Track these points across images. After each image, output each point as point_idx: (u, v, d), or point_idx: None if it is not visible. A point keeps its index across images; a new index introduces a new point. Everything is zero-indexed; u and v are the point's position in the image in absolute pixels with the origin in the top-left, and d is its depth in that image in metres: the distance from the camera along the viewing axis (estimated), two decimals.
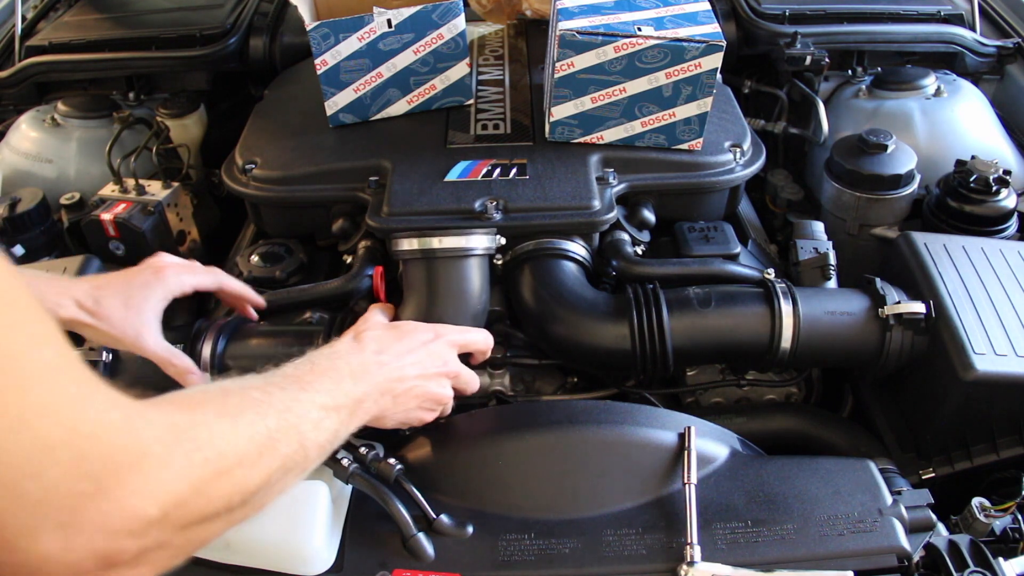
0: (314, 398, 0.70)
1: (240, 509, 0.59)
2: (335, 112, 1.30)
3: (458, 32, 1.26)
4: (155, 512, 0.49)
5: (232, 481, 0.57)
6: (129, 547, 0.49)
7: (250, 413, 0.61)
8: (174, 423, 0.54)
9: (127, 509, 0.48)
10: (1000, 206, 1.26)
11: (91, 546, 0.47)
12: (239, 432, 0.59)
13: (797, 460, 0.92)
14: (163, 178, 1.43)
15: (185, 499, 0.52)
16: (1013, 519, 0.91)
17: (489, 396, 1.15)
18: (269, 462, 0.61)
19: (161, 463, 0.50)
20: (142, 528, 0.49)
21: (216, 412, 0.58)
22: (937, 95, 1.55)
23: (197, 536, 0.55)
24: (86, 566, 0.47)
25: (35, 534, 0.44)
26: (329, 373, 0.76)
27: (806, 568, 0.80)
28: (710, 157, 1.24)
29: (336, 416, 0.73)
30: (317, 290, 1.14)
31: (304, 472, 0.69)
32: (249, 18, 1.72)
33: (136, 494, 0.48)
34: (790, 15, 1.66)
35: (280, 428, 0.64)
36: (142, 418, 0.51)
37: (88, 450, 0.46)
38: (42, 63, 1.66)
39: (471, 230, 0.96)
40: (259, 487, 0.60)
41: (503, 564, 0.81)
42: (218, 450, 0.56)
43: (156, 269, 0.98)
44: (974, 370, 0.96)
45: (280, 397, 0.67)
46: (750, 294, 1.08)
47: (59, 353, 0.47)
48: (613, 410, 0.93)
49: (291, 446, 0.64)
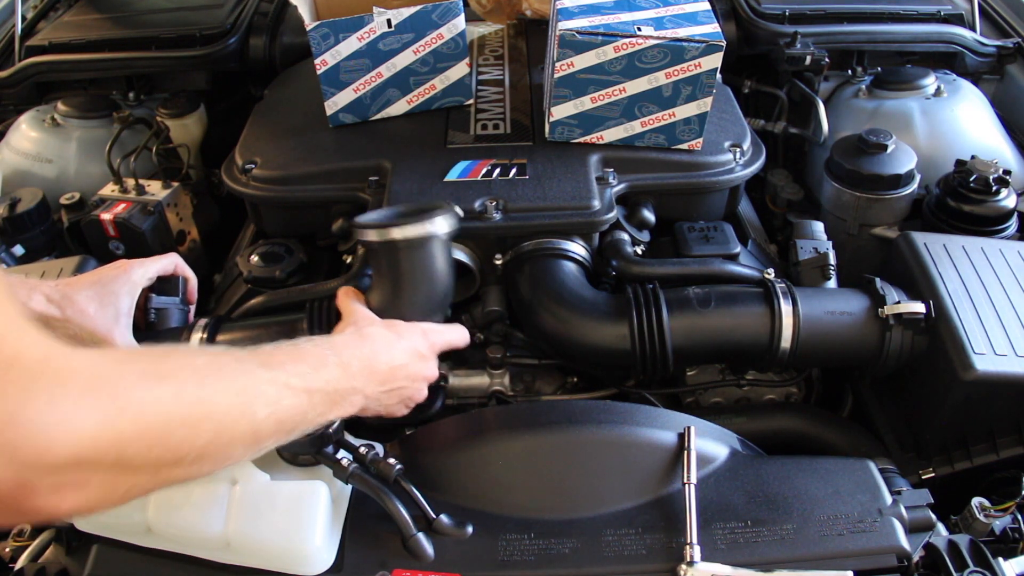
0: (278, 376, 0.69)
1: (168, 467, 0.59)
2: (335, 112, 1.30)
3: (458, 32, 1.26)
4: (64, 453, 0.51)
5: (150, 435, 0.57)
6: (40, 482, 0.51)
7: (182, 375, 0.61)
8: (96, 371, 0.54)
9: (40, 444, 0.49)
10: (1000, 206, 1.26)
11: (6, 471, 0.49)
12: (163, 391, 0.59)
13: (797, 460, 0.92)
14: (163, 178, 1.43)
15: (98, 445, 0.53)
16: (1013, 519, 0.91)
17: (489, 396, 1.15)
18: (196, 424, 0.61)
19: (78, 404, 0.52)
20: (52, 466, 0.51)
21: (141, 371, 0.59)
22: (937, 95, 1.55)
23: (119, 483, 0.57)
24: (5, 489, 0.50)
25: None
26: (309, 358, 0.75)
27: (806, 568, 0.80)
28: (710, 157, 1.24)
29: (306, 398, 0.72)
30: (317, 290, 1.14)
31: (256, 446, 0.68)
32: (249, 18, 1.73)
33: (49, 428, 0.50)
34: (790, 15, 1.67)
35: (218, 392, 0.63)
36: (65, 358, 0.52)
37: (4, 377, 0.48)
38: (42, 63, 1.66)
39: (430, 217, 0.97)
40: (184, 447, 0.60)
41: (503, 564, 0.81)
42: (137, 403, 0.56)
43: (119, 265, 1.02)
44: (974, 370, 0.96)
45: (232, 368, 0.66)
46: (750, 294, 1.08)
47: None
48: (613, 410, 0.93)
49: (231, 415, 0.64)
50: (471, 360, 1.17)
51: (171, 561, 0.82)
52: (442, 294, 1.01)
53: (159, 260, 1.07)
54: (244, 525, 0.79)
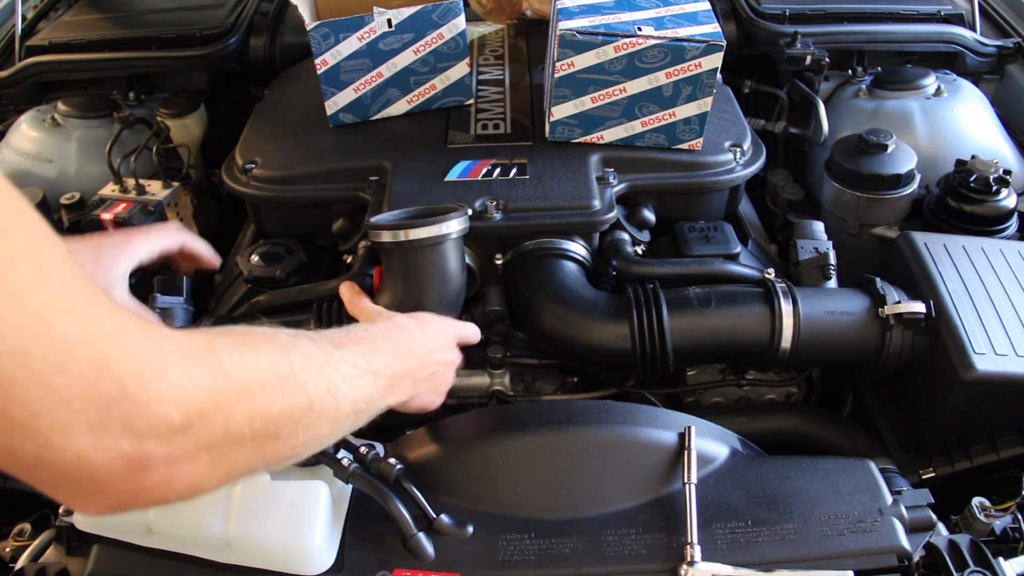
0: (346, 356, 0.70)
1: (268, 441, 0.59)
2: (335, 112, 1.30)
3: (458, 32, 1.26)
4: (178, 418, 0.50)
5: (253, 403, 0.57)
6: (156, 452, 0.50)
7: (272, 346, 0.62)
8: (193, 342, 0.54)
9: (152, 413, 0.49)
10: (1000, 206, 1.26)
11: (119, 447, 0.48)
12: (259, 360, 0.59)
13: (797, 460, 0.92)
14: (163, 178, 1.43)
15: (207, 411, 0.53)
16: (1013, 519, 0.91)
17: (489, 396, 1.15)
18: (294, 395, 0.61)
19: (183, 372, 0.51)
20: (167, 434, 0.50)
21: (236, 339, 0.59)
22: (937, 95, 1.55)
23: (226, 457, 0.56)
24: (116, 467, 0.49)
25: (68, 431, 0.46)
26: (365, 341, 0.76)
27: (806, 568, 0.80)
28: (710, 157, 1.24)
29: (372, 380, 0.72)
30: (317, 290, 1.14)
31: (338, 426, 0.69)
32: (249, 18, 1.72)
33: (159, 400, 0.49)
34: (790, 15, 1.66)
35: (306, 369, 0.63)
36: (159, 331, 0.52)
37: (108, 353, 0.47)
38: (42, 63, 1.66)
39: (443, 218, 0.97)
40: (282, 418, 0.60)
41: (503, 564, 0.81)
42: (238, 370, 0.56)
43: (125, 233, 1.01)
44: (974, 370, 0.96)
45: (308, 345, 0.66)
46: (750, 294, 1.08)
47: (67, 260, 0.47)
48: (613, 410, 0.93)
49: (319, 388, 0.64)
50: (471, 360, 1.17)
51: (171, 561, 0.82)
52: (454, 294, 1.02)
53: (163, 238, 1.05)
54: (244, 525, 0.79)
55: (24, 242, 0.44)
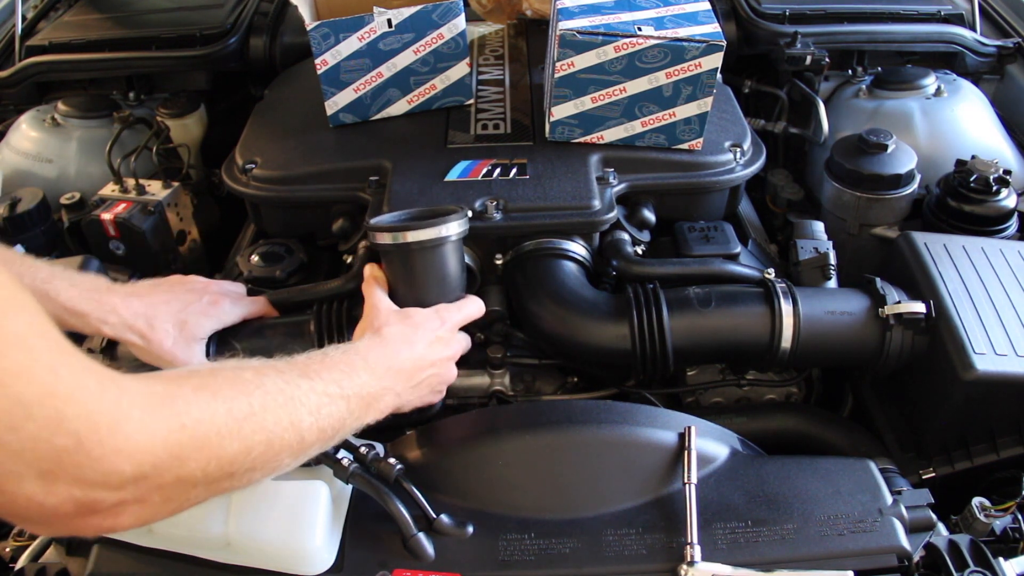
0: (315, 385, 0.72)
1: (222, 479, 0.62)
2: (335, 112, 1.30)
3: (458, 32, 1.26)
4: (130, 471, 0.54)
5: (209, 449, 0.59)
6: (105, 499, 0.54)
7: (232, 390, 0.64)
8: (152, 391, 0.57)
9: (104, 465, 0.52)
10: (1000, 206, 1.26)
11: (69, 494, 0.52)
12: (218, 405, 0.61)
13: (797, 460, 0.92)
14: (163, 178, 1.43)
15: (160, 461, 0.56)
16: (1013, 519, 0.91)
17: (489, 396, 1.15)
18: (251, 436, 0.63)
19: (139, 426, 0.54)
20: (118, 483, 0.54)
21: (195, 386, 0.61)
22: (937, 95, 1.55)
23: (176, 496, 0.59)
24: (65, 510, 0.52)
25: (19, 480, 0.49)
26: (340, 365, 0.78)
27: (806, 568, 0.80)
28: (710, 157, 1.23)
29: (344, 404, 0.75)
30: (317, 290, 1.14)
31: (302, 455, 0.72)
32: (249, 18, 1.72)
33: (114, 452, 0.52)
34: (790, 15, 1.66)
35: (267, 407, 0.66)
36: (117, 385, 0.54)
37: (65, 410, 0.50)
38: (42, 63, 1.66)
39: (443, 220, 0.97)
40: (239, 460, 0.63)
41: (503, 564, 0.81)
42: (194, 419, 0.59)
43: (213, 299, 1.03)
44: (974, 370, 0.96)
45: (274, 379, 0.69)
46: (750, 294, 1.08)
47: (32, 322, 0.50)
48: (613, 410, 0.93)
49: (279, 425, 0.67)
50: (471, 360, 1.17)
51: (171, 561, 0.82)
52: (454, 295, 1.02)
53: (248, 305, 1.08)
54: (244, 525, 0.79)
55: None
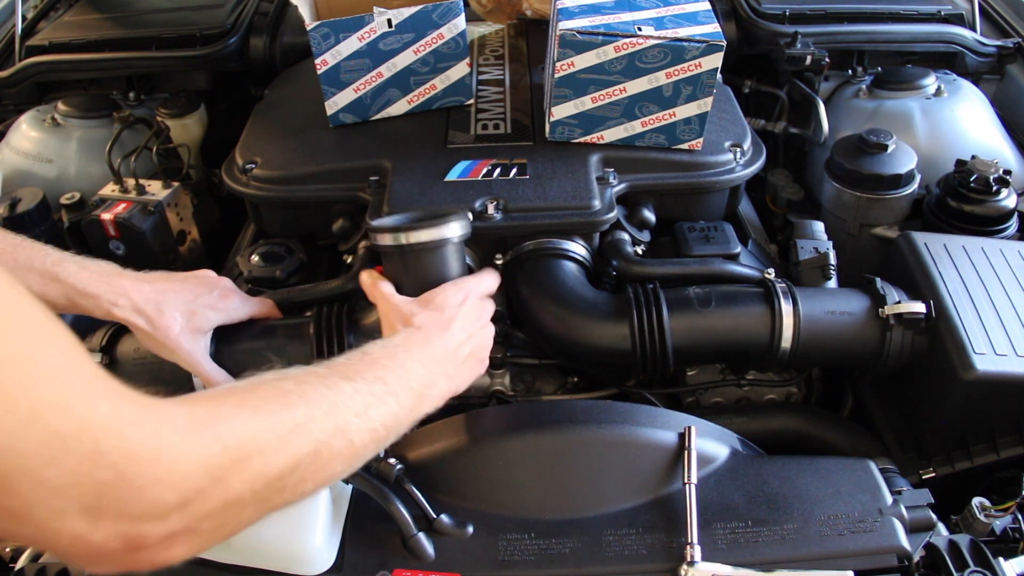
0: (359, 387, 0.70)
1: (272, 495, 0.60)
2: (335, 112, 1.30)
3: (458, 32, 1.26)
4: (174, 499, 0.51)
5: (252, 469, 0.57)
6: (153, 532, 0.51)
7: (274, 404, 0.62)
8: (192, 414, 0.55)
9: (147, 496, 0.50)
10: (1000, 206, 1.26)
11: (115, 529, 0.50)
12: (259, 421, 0.59)
13: (797, 460, 0.92)
14: (163, 178, 1.43)
15: (204, 487, 0.53)
16: (1013, 519, 0.91)
17: (489, 396, 1.15)
18: (298, 448, 0.61)
19: (179, 452, 0.52)
20: (163, 514, 0.51)
21: (235, 404, 0.60)
22: (937, 95, 1.55)
23: (227, 520, 0.57)
24: (113, 546, 0.50)
25: (62, 516, 0.47)
26: (383, 360, 0.76)
27: (806, 568, 0.80)
28: (710, 157, 1.23)
29: (393, 401, 0.73)
30: (317, 290, 1.14)
31: (355, 459, 0.69)
32: (249, 18, 1.72)
33: (156, 483, 0.50)
34: (790, 15, 1.66)
35: (312, 416, 0.64)
36: (155, 412, 0.53)
37: (104, 443, 0.48)
38: (42, 63, 1.66)
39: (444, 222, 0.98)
40: (287, 475, 0.60)
41: (503, 564, 0.81)
42: (237, 438, 0.57)
43: (224, 293, 1.02)
44: (974, 370, 0.96)
45: (316, 387, 0.67)
46: (750, 294, 1.08)
47: (66, 352, 0.49)
48: (613, 410, 0.93)
49: (327, 432, 0.64)
50: None
51: None
52: None
53: (256, 305, 1.07)
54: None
55: (21, 343, 0.46)
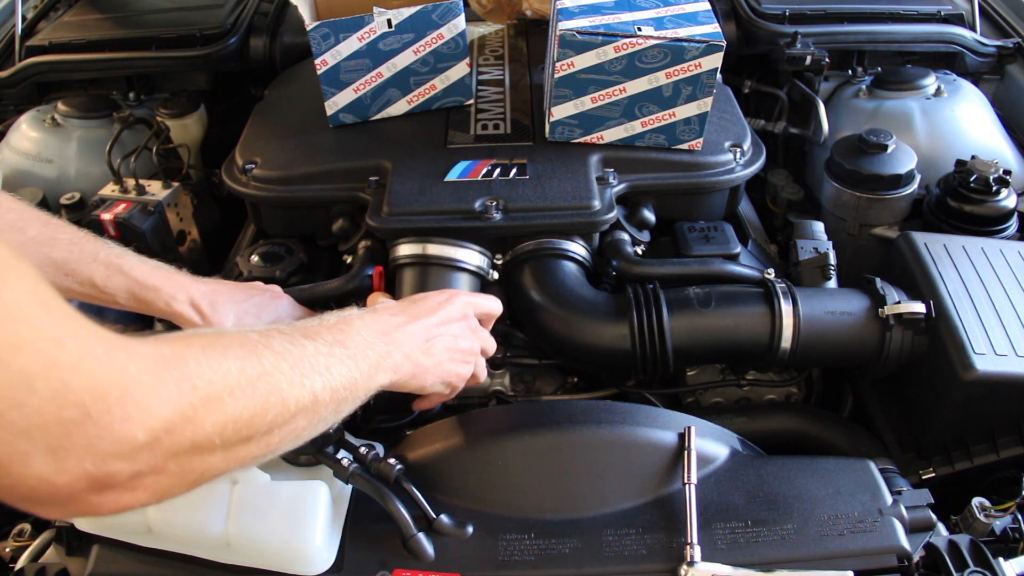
0: (320, 346, 0.70)
1: (240, 444, 0.60)
2: (335, 112, 1.30)
3: (458, 32, 1.26)
4: (143, 437, 0.51)
5: (223, 410, 0.57)
6: (121, 470, 0.51)
7: (242, 349, 0.62)
8: (161, 354, 0.55)
9: (115, 434, 0.50)
10: (1000, 206, 1.26)
11: (82, 469, 0.49)
12: (229, 363, 0.59)
13: (797, 460, 0.92)
14: (163, 178, 1.43)
15: (174, 425, 0.53)
16: (1013, 519, 0.91)
17: (489, 396, 1.15)
18: (265, 396, 0.61)
19: (148, 390, 0.52)
20: (131, 452, 0.51)
21: (204, 346, 0.59)
22: (937, 95, 1.55)
23: (194, 465, 0.57)
24: (79, 487, 0.50)
25: (26, 459, 0.47)
26: (340, 326, 0.76)
27: (806, 568, 0.80)
28: (710, 157, 1.24)
29: (352, 364, 0.72)
30: (317, 290, 1.14)
31: (316, 419, 0.69)
32: (249, 18, 1.72)
33: (124, 420, 0.50)
34: (790, 15, 1.66)
35: (278, 367, 0.64)
36: (126, 350, 0.52)
37: (71, 381, 0.48)
38: (42, 63, 1.66)
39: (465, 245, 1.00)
40: (255, 421, 0.60)
41: (503, 564, 0.81)
42: (206, 379, 0.56)
43: (276, 295, 1.04)
44: (974, 370, 0.96)
45: (280, 341, 0.66)
46: (750, 294, 1.08)
47: (31, 291, 0.48)
48: (613, 410, 0.93)
49: (293, 384, 0.64)
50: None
51: (171, 561, 0.82)
52: None
53: (301, 309, 1.07)
54: (244, 525, 0.79)
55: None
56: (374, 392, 0.77)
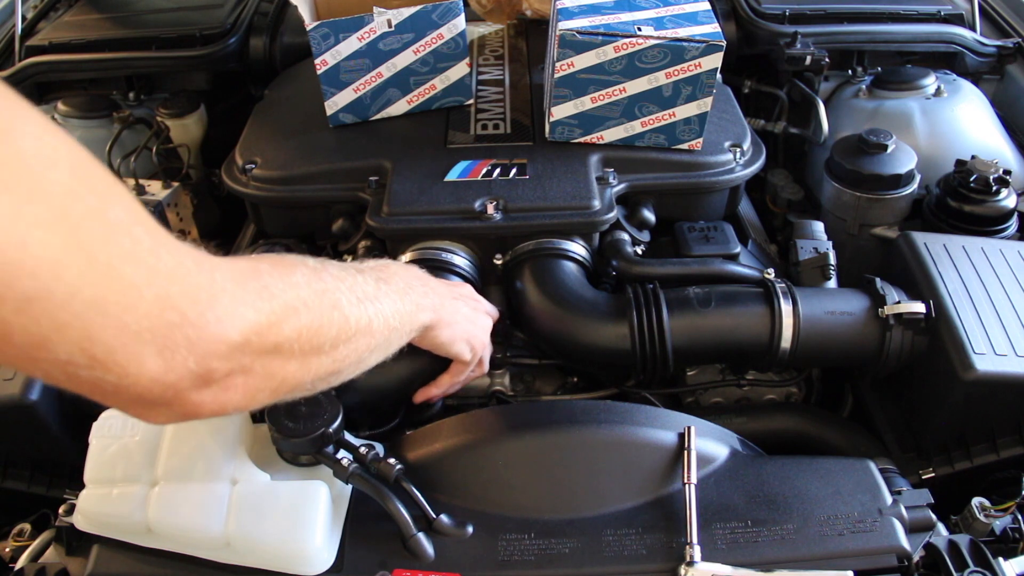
0: (369, 279, 0.76)
1: (312, 355, 0.66)
2: (335, 112, 1.30)
3: (458, 32, 1.26)
4: (236, 336, 0.57)
5: (298, 318, 0.64)
6: (218, 367, 0.57)
7: (305, 269, 0.68)
8: (239, 268, 0.61)
9: (213, 334, 0.56)
10: (1000, 206, 1.26)
11: (186, 366, 0.55)
12: (297, 279, 0.66)
13: (797, 460, 0.92)
14: (163, 178, 1.43)
15: (260, 328, 0.60)
16: (1013, 519, 0.91)
17: (489, 396, 1.15)
18: (331, 311, 0.68)
19: (235, 298, 0.58)
20: (227, 351, 0.57)
21: (272, 264, 0.66)
22: (937, 95, 1.55)
23: (276, 369, 0.63)
24: (184, 384, 0.56)
25: (141, 358, 0.52)
26: (380, 268, 0.83)
27: (806, 568, 0.80)
28: (710, 157, 1.24)
29: (398, 299, 0.79)
30: None
31: (373, 341, 0.75)
32: (249, 18, 1.72)
33: (218, 322, 0.56)
34: (790, 15, 1.66)
35: (338, 288, 0.70)
36: (210, 263, 0.58)
37: (169, 287, 0.53)
38: (42, 63, 1.66)
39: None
40: (324, 332, 0.67)
41: (503, 564, 0.81)
42: (280, 289, 0.63)
43: None
44: (974, 370, 0.96)
45: (336, 269, 0.73)
46: (750, 294, 1.08)
47: (130, 209, 0.53)
48: (613, 410, 0.93)
49: (352, 304, 0.71)
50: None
51: (171, 561, 0.82)
52: None
53: None
54: (244, 525, 0.79)
55: (93, 201, 0.50)
56: (417, 332, 0.85)
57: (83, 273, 0.48)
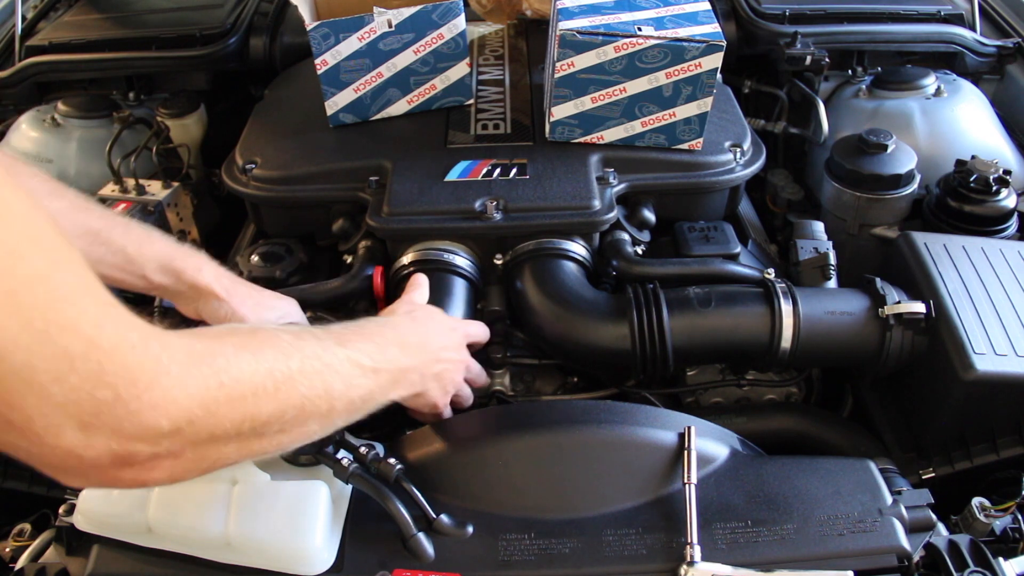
0: (351, 355, 0.73)
1: (253, 439, 0.63)
2: (335, 112, 1.30)
3: (458, 32, 1.26)
4: (167, 425, 0.54)
5: (244, 407, 0.60)
6: (142, 451, 0.54)
7: (273, 351, 0.65)
8: (193, 348, 0.58)
9: (142, 419, 0.53)
10: (1000, 206, 1.26)
11: (107, 446, 0.52)
12: (257, 365, 0.62)
13: (797, 460, 0.92)
14: (163, 178, 1.43)
15: (196, 417, 0.56)
16: (1013, 519, 0.91)
17: (489, 396, 1.15)
18: (285, 399, 0.64)
19: (176, 382, 0.55)
20: (154, 437, 0.54)
21: (237, 345, 0.62)
22: (937, 95, 1.55)
23: (209, 453, 0.60)
24: (103, 462, 0.53)
25: (59, 431, 0.50)
26: (375, 338, 0.79)
27: (806, 568, 0.80)
28: (710, 157, 1.24)
29: (374, 378, 0.75)
30: (317, 290, 1.14)
31: (328, 424, 0.72)
32: (249, 18, 1.72)
33: (151, 407, 0.53)
34: (790, 15, 1.66)
35: (304, 371, 0.66)
36: (159, 340, 0.55)
37: (107, 364, 0.51)
38: (42, 63, 1.66)
39: None
40: (271, 420, 0.63)
41: (503, 564, 0.81)
42: (232, 376, 0.59)
43: (284, 293, 1.07)
44: (974, 370, 0.96)
45: (312, 345, 0.69)
46: (750, 294, 1.08)
47: (79, 276, 0.51)
48: (613, 410, 0.93)
49: (314, 391, 0.67)
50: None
51: (171, 561, 0.82)
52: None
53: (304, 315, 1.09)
54: (244, 525, 0.79)
55: (41, 264, 0.48)
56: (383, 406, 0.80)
57: (15, 337, 0.46)
